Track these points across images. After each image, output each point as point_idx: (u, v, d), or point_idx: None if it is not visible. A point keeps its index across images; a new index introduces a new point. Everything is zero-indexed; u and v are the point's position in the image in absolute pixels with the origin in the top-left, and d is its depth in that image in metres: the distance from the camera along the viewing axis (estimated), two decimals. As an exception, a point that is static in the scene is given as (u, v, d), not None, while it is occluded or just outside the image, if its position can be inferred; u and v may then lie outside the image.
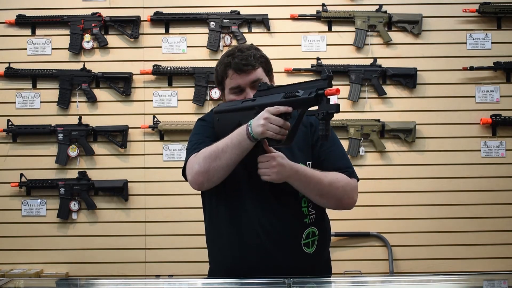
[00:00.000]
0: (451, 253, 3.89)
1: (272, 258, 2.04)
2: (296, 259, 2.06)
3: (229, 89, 2.10)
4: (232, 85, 2.09)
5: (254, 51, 2.10)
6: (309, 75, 3.96)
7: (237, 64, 2.06)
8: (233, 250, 2.08)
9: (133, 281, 2.95)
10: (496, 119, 3.89)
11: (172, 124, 3.90)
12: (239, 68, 2.06)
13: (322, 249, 2.13)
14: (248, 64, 2.06)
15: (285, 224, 2.05)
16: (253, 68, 2.06)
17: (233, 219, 2.07)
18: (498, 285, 2.11)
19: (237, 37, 3.96)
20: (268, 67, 2.14)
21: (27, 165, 3.94)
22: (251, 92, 2.06)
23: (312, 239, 2.09)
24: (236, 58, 2.07)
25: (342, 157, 2.14)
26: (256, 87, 2.04)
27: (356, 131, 3.90)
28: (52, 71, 3.96)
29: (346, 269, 3.79)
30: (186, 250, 3.86)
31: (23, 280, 3.00)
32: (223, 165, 1.95)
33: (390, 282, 2.42)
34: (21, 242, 3.93)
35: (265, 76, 2.10)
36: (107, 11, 4.01)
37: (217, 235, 2.13)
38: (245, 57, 2.06)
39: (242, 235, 2.06)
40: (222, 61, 2.11)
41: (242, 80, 2.07)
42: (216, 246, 2.15)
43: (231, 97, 2.10)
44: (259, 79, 2.07)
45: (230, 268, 2.09)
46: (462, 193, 3.92)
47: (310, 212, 2.09)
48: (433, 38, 3.98)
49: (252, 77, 2.07)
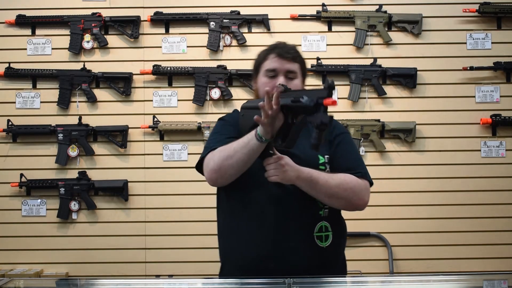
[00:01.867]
0: (451, 253, 3.89)
1: (285, 249, 2.06)
2: (308, 250, 2.08)
3: (265, 71, 2.18)
4: (269, 67, 2.17)
5: (297, 50, 2.23)
6: (309, 75, 3.96)
7: (281, 49, 2.18)
8: (248, 241, 2.10)
9: (133, 281, 2.95)
10: (496, 119, 3.89)
11: (172, 124, 3.90)
12: (281, 53, 2.16)
13: (336, 246, 2.15)
14: (290, 53, 2.17)
15: (298, 214, 2.09)
16: (293, 60, 2.18)
17: (246, 212, 2.10)
18: (498, 285, 2.11)
19: (237, 37, 3.96)
20: (304, 69, 2.24)
21: (27, 165, 3.94)
22: (285, 79, 2.14)
23: (325, 234, 2.12)
24: (280, 47, 2.19)
25: (356, 158, 2.22)
26: (289, 78, 2.14)
27: (356, 131, 3.90)
28: (52, 71, 3.96)
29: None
30: (186, 250, 3.86)
31: (23, 280, 3.00)
32: (234, 164, 2.02)
33: (390, 282, 2.42)
34: (21, 242, 3.93)
35: (300, 76, 2.20)
36: (107, 11, 4.01)
37: (231, 230, 2.16)
38: (289, 48, 2.20)
39: (256, 227, 2.09)
40: (266, 48, 2.23)
41: (280, 65, 2.16)
42: (229, 239, 2.18)
43: (263, 79, 2.17)
44: (295, 71, 2.17)
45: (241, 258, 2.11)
46: (462, 193, 3.92)
47: (325, 206, 2.13)
48: (433, 38, 3.98)
49: (290, 66, 2.17)
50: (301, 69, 2.20)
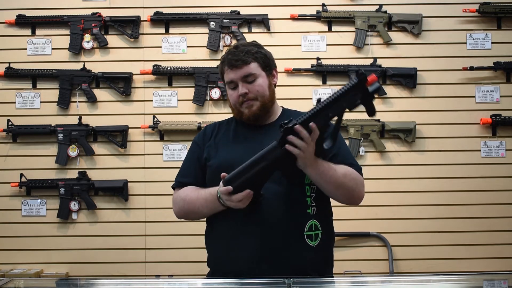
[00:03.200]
0: (451, 253, 3.89)
1: (274, 249, 2.05)
2: (298, 250, 2.07)
3: (227, 83, 2.21)
4: (227, 80, 2.19)
5: (251, 48, 2.19)
6: (309, 75, 3.96)
7: (230, 60, 2.16)
8: (239, 243, 2.09)
9: (133, 281, 2.95)
10: (496, 119, 3.89)
11: (172, 124, 3.90)
12: (231, 63, 2.16)
13: (325, 245, 2.15)
14: (239, 60, 2.14)
15: (288, 213, 2.08)
16: (245, 63, 2.15)
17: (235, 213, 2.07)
18: (498, 285, 2.11)
19: (237, 37, 3.96)
20: (266, 62, 2.19)
21: (27, 165, 3.94)
22: (243, 86, 2.14)
23: (315, 233, 2.11)
24: (230, 55, 2.18)
25: (349, 155, 2.23)
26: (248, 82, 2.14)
27: (356, 131, 3.90)
28: (52, 71, 3.96)
29: (346, 269, 3.79)
30: (186, 250, 3.86)
31: (23, 280, 3.00)
32: (199, 216, 2.20)
33: (390, 282, 2.43)
34: (21, 242, 3.93)
35: (260, 71, 2.17)
36: (107, 11, 4.01)
37: (220, 233, 2.15)
38: (237, 53, 2.16)
39: (243, 226, 2.08)
40: (222, 58, 2.22)
41: (234, 75, 2.16)
42: (219, 243, 2.17)
43: (229, 92, 2.20)
44: (251, 74, 2.15)
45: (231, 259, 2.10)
46: (462, 193, 3.92)
47: (312, 204, 2.12)
48: (433, 38, 3.98)
49: (243, 71, 2.15)
50: (260, 65, 2.17)
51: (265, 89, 2.16)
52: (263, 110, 2.17)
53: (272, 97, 2.20)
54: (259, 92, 2.15)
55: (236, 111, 2.19)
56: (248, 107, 2.15)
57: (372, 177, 3.86)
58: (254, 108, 2.15)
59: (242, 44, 2.23)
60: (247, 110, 2.15)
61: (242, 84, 2.14)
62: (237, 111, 2.18)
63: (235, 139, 2.20)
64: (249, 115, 2.16)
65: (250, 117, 2.16)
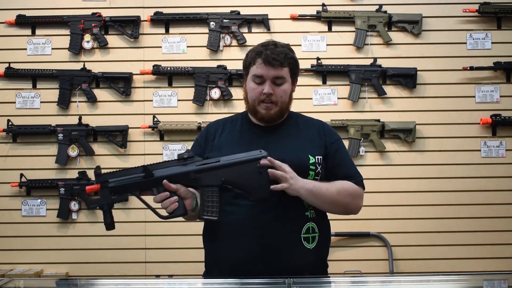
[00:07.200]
0: (451, 253, 3.89)
1: (271, 250, 2.06)
2: (295, 252, 2.08)
3: (252, 75, 2.17)
4: (256, 73, 2.15)
5: (287, 50, 2.17)
6: (309, 75, 3.96)
7: (268, 56, 2.12)
8: (236, 244, 2.09)
9: (133, 281, 2.95)
10: (496, 119, 3.89)
11: (172, 124, 3.90)
12: (268, 60, 2.12)
13: (322, 247, 2.16)
14: (277, 60, 2.12)
15: (286, 215, 2.08)
16: (281, 65, 2.13)
17: (233, 215, 2.09)
18: (498, 285, 2.12)
19: (237, 37, 3.96)
20: (295, 70, 2.21)
21: (27, 165, 3.94)
22: (270, 86, 2.13)
23: (312, 235, 2.12)
24: (269, 51, 2.14)
25: (351, 165, 2.24)
26: (276, 84, 2.13)
27: (356, 131, 3.90)
28: (52, 71, 3.96)
29: (346, 269, 3.79)
30: (186, 250, 3.86)
31: (23, 280, 3.00)
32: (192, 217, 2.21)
33: (390, 282, 2.43)
34: (21, 242, 3.93)
35: (289, 77, 2.17)
36: (107, 11, 4.01)
37: (218, 233, 2.15)
38: (277, 52, 2.13)
39: (241, 227, 2.08)
40: (255, 49, 2.18)
41: (266, 72, 2.13)
42: (216, 243, 2.16)
43: (251, 84, 2.17)
44: (282, 77, 2.14)
45: (227, 259, 2.10)
46: (462, 193, 3.92)
47: (310, 206, 2.13)
48: (433, 38, 3.98)
49: (277, 73, 2.14)
50: (290, 71, 2.18)
51: (287, 96, 2.18)
52: (279, 115, 2.18)
53: (289, 104, 2.22)
54: (282, 98, 2.15)
55: (252, 106, 2.17)
56: (266, 108, 2.14)
57: (372, 177, 3.86)
58: (272, 112, 2.15)
59: (279, 43, 2.20)
60: (264, 111, 2.15)
61: (270, 84, 2.13)
62: (253, 107, 2.17)
63: (241, 140, 2.20)
64: (264, 116, 2.16)
65: (265, 118, 2.17)
